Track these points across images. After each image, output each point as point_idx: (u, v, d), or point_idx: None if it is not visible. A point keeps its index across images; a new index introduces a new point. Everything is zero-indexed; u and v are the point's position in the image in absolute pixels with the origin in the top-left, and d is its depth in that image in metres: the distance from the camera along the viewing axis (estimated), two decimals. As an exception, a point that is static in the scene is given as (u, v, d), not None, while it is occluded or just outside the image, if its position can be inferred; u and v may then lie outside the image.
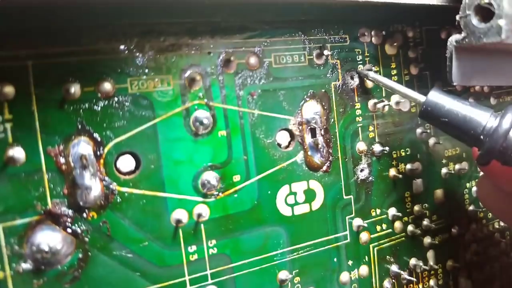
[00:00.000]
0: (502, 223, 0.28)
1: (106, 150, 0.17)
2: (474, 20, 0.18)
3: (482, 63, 0.20)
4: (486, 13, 0.18)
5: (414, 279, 0.24)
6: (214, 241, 0.18)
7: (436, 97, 0.19)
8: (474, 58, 0.20)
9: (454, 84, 0.20)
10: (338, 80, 0.21)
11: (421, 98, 0.19)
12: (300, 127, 0.20)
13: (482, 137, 0.17)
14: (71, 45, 0.16)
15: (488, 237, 0.27)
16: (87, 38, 0.16)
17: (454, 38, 0.19)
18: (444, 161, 0.25)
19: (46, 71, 0.16)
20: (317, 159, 0.21)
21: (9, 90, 0.15)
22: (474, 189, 0.26)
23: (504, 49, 0.20)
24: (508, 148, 0.17)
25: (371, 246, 0.22)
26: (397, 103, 0.23)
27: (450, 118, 0.18)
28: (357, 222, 0.22)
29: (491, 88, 0.27)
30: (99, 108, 0.16)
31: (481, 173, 0.26)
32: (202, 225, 0.18)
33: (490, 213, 0.27)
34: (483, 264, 0.27)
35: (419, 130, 0.24)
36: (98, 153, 0.17)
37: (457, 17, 0.19)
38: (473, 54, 0.20)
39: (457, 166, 0.25)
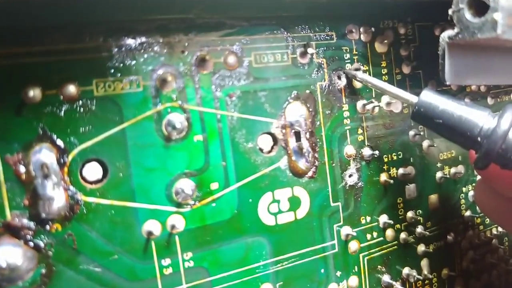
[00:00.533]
0: (500, 229, 0.26)
1: (70, 157, 0.15)
2: (468, 15, 0.17)
3: (477, 61, 0.19)
4: (480, 7, 0.17)
5: (407, 290, 0.23)
6: (190, 254, 0.17)
7: (430, 97, 0.17)
8: (468, 56, 0.19)
9: (448, 83, 0.19)
10: (324, 80, 0.20)
11: (413, 98, 0.18)
12: (284, 131, 0.19)
13: (479, 138, 0.16)
14: (31, 45, 0.15)
15: (485, 243, 0.26)
16: (48, 38, 0.15)
17: (446, 34, 0.18)
18: (438, 164, 0.24)
19: (3, 73, 0.14)
20: (302, 164, 0.19)
21: (-38, 93, 0.14)
22: (470, 193, 0.25)
23: (500, 46, 0.18)
24: (507, 150, 0.16)
25: (361, 255, 0.21)
26: (388, 104, 0.22)
27: (445, 119, 0.17)
28: (346, 230, 0.20)
29: (488, 88, 0.26)
30: (62, 113, 0.15)
31: (479, 177, 0.25)
32: (176, 237, 0.17)
33: (487, 219, 0.26)
34: (480, 272, 0.26)
35: (412, 133, 0.23)
36: (62, 160, 0.15)
37: (450, 12, 0.17)
38: (467, 51, 0.19)
39: (452, 170, 0.24)
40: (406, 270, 0.22)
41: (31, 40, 0.15)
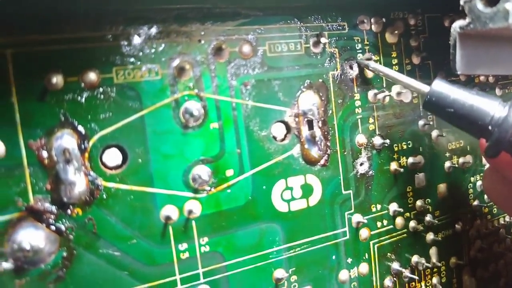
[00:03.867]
0: (508, 218, 0.27)
1: (91, 143, 0.16)
2: (479, 5, 0.17)
3: (488, 51, 0.19)
4: (492, -3, 0.17)
5: (416, 277, 0.23)
6: (206, 239, 0.18)
7: (441, 86, 0.18)
8: (479, 46, 0.19)
9: (458, 73, 0.19)
10: (337, 70, 0.20)
11: (425, 88, 0.18)
12: (297, 119, 0.19)
13: (490, 127, 0.17)
14: (54, 33, 0.15)
15: (493, 233, 0.26)
16: (70, 26, 0.15)
17: (458, 24, 0.18)
18: (447, 154, 0.24)
19: (27, 60, 0.15)
20: (314, 152, 0.20)
21: (-14, 80, 0.14)
22: (478, 183, 0.25)
23: (511, 35, 0.19)
24: None
25: (371, 243, 0.22)
26: (399, 93, 0.22)
27: (456, 108, 0.17)
28: (357, 218, 0.21)
29: (496, 79, 0.26)
30: (83, 99, 0.16)
31: (487, 167, 0.25)
32: (193, 222, 0.17)
33: (495, 208, 0.26)
34: (488, 261, 0.26)
35: (421, 122, 0.23)
36: (83, 146, 0.16)
37: (461, 2, 0.18)
38: (478, 41, 0.19)
39: (461, 160, 0.24)
40: (415, 258, 0.23)
41: (53, 28, 0.15)
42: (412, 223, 0.23)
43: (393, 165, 0.22)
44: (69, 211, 0.16)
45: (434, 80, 0.18)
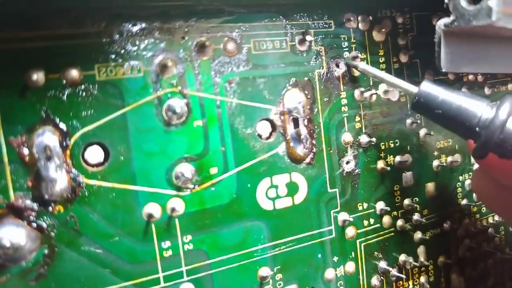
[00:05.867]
0: (496, 218, 0.27)
1: (72, 140, 0.16)
2: (463, 2, 0.17)
3: (473, 49, 0.19)
4: (475, -5, 0.17)
5: (404, 276, 0.23)
6: (189, 237, 0.18)
7: (429, 87, 0.18)
8: (463, 44, 0.19)
9: (443, 70, 0.19)
10: (323, 68, 0.20)
11: (413, 89, 0.18)
12: (282, 117, 0.19)
13: (478, 129, 0.16)
14: (35, 30, 0.15)
15: (481, 232, 0.26)
16: (52, 22, 0.15)
17: (442, 21, 0.18)
18: (435, 153, 0.24)
19: (7, 57, 0.15)
20: (300, 150, 0.20)
21: (-34, 76, 0.14)
22: (467, 182, 0.25)
23: (495, 34, 0.19)
24: (505, 140, 0.16)
25: (357, 241, 0.22)
26: (386, 92, 0.22)
27: (444, 109, 0.17)
28: (343, 216, 0.21)
29: (485, 78, 0.26)
30: (65, 97, 0.16)
31: (476, 166, 0.25)
32: (176, 220, 0.17)
33: (484, 208, 0.26)
34: (476, 261, 0.26)
35: (409, 121, 0.23)
36: (64, 143, 0.16)
37: (446, 0, 0.18)
38: (463, 39, 0.19)
39: (449, 159, 0.24)
40: (402, 257, 0.23)
41: (33, 25, 0.15)
42: (399, 222, 0.23)
43: (380, 164, 0.22)
44: (50, 209, 0.16)
45: (422, 82, 0.18)
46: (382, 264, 0.22)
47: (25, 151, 0.15)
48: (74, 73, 0.16)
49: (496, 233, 0.26)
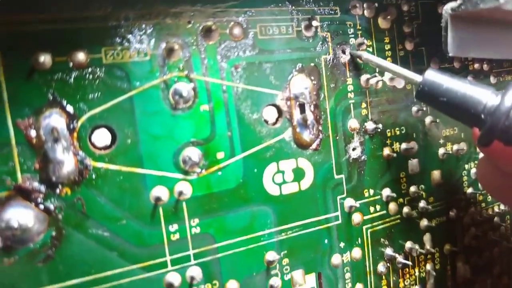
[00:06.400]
0: (502, 207, 0.27)
1: (79, 123, 0.16)
2: (470, -15, 0.17)
3: (479, 33, 0.19)
4: (483, -23, 0.17)
5: (410, 263, 0.23)
6: (197, 220, 0.18)
7: (433, 76, 0.18)
8: (470, 28, 0.19)
9: (450, 55, 0.19)
10: (329, 54, 0.20)
11: (417, 78, 0.18)
12: (288, 103, 0.19)
13: (483, 116, 0.16)
14: (42, 13, 0.15)
15: (487, 221, 0.26)
16: (59, 6, 0.15)
17: (449, 5, 0.18)
18: (441, 141, 0.24)
19: (15, 40, 0.15)
20: (306, 136, 0.20)
21: (-27, 59, 0.14)
22: (473, 171, 0.25)
23: (502, 18, 0.19)
24: (510, 127, 0.16)
25: (364, 228, 0.22)
26: (391, 79, 0.22)
27: (449, 97, 0.17)
28: (349, 202, 0.21)
29: (491, 67, 0.26)
30: (72, 79, 0.16)
31: (481, 155, 0.25)
32: (184, 203, 0.17)
33: (489, 197, 0.26)
34: (482, 249, 0.26)
35: (414, 108, 0.23)
36: (71, 126, 0.16)
37: (453, -17, 0.18)
38: (470, 23, 0.19)
39: (455, 147, 0.24)
40: (408, 244, 0.23)
41: (40, 8, 0.15)
42: (405, 209, 0.23)
43: (386, 151, 0.22)
44: (57, 191, 0.16)
45: (427, 70, 0.18)
46: (388, 251, 0.22)
47: (33, 133, 0.15)
48: (81, 56, 0.16)
49: (502, 222, 0.26)
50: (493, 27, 0.19)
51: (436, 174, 0.24)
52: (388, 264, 0.22)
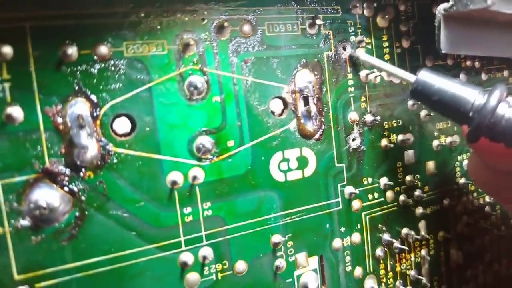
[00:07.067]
0: (492, 197, 0.28)
1: (102, 111, 0.17)
2: (462, -13, 0.19)
3: (470, 32, 0.21)
4: (473, -20, 0.18)
5: (406, 248, 0.24)
6: (209, 203, 0.19)
7: (426, 76, 0.19)
8: (462, 27, 0.20)
9: (443, 52, 0.20)
10: (331, 50, 0.22)
11: (411, 78, 0.20)
12: (293, 96, 0.21)
13: (471, 114, 0.18)
14: (68, 8, 0.16)
15: (479, 210, 0.27)
16: (84, 2, 0.17)
17: (442, 6, 0.20)
18: (435, 133, 0.25)
19: (44, 33, 0.16)
20: (309, 127, 0.21)
21: (7, 51, 0.15)
22: (465, 162, 0.27)
23: (491, 18, 0.20)
24: (495, 123, 0.17)
25: (363, 214, 0.23)
26: (389, 74, 0.23)
27: (440, 96, 0.18)
28: (349, 189, 0.22)
29: (482, 64, 0.27)
30: (96, 71, 0.17)
31: (471, 151, 0.26)
32: (197, 188, 0.19)
33: (480, 188, 0.28)
34: (474, 237, 0.27)
35: (410, 102, 0.24)
36: (95, 114, 0.17)
37: (445, -15, 0.19)
38: (461, 23, 0.20)
39: (448, 139, 0.26)
40: (405, 230, 0.24)
41: (67, 4, 0.16)
42: (402, 197, 0.24)
43: (384, 142, 0.23)
44: (81, 174, 0.17)
45: (420, 71, 0.19)
46: (386, 236, 0.23)
47: (59, 120, 0.16)
48: (104, 49, 0.17)
49: (493, 211, 0.28)
50: (483, 26, 0.21)
51: (430, 164, 0.25)
52: (385, 249, 0.24)
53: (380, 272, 0.24)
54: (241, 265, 0.20)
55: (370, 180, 0.23)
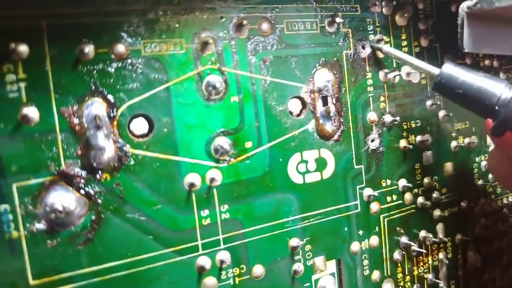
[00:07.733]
0: (510, 198, 0.28)
1: (119, 112, 0.17)
2: (487, -16, 0.18)
3: (494, 31, 0.20)
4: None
5: (424, 251, 0.24)
6: (226, 206, 0.18)
7: (451, 69, 0.19)
8: (485, 26, 0.20)
9: (466, 51, 0.20)
10: (350, 49, 0.21)
11: (435, 70, 0.19)
12: (312, 95, 0.20)
13: (497, 107, 0.17)
14: (85, 7, 0.16)
15: (496, 212, 0.27)
16: (101, 0, 0.16)
17: (465, 4, 0.19)
18: (454, 134, 0.25)
19: (60, 32, 0.16)
20: (328, 127, 0.21)
21: (23, 49, 0.15)
22: (483, 163, 0.26)
23: (517, 16, 0.20)
24: None
25: (381, 216, 0.22)
26: (408, 74, 0.23)
27: (465, 89, 0.18)
28: (368, 192, 0.22)
29: (501, 63, 0.27)
30: (113, 70, 0.16)
31: (491, 147, 0.26)
32: (214, 190, 0.18)
33: (499, 188, 0.27)
34: (491, 239, 0.27)
35: (429, 102, 0.24)
36: (112, 114, 0.16)
37: (470, -18, 0.19)
38: (485, 21, 0.20)
39: (466, 140, 0.25)
40: (422, 233, 0.24)
41: (84, 2, 0.16)
42: (420, 199, 0.24)
43: (402, 142, 0.23)
44: (98, 176, 0.16)
45: (445, 63, 0.19)
46: (404, 239, 0.23)
47: (76, 120, 0.16)
48: (121, 48, 0.16)
49: (511, 213, 0.27)
50: (506, 25, 0.20)
51: (448, 166, 0.25)
52: (403, 252, 0.23)
53: (397, 275, 0.23)
54: (258, 269, 0.19)
55: (388, 182, 0.23)
